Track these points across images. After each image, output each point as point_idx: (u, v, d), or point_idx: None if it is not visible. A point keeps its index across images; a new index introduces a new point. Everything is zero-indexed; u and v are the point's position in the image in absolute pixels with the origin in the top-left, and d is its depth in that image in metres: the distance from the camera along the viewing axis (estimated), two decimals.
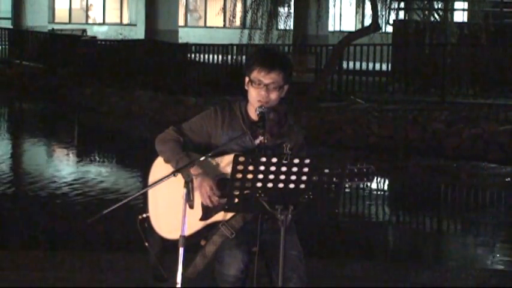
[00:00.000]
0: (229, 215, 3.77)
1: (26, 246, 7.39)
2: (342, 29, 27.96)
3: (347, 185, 3.80)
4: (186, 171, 3.66)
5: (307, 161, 3.33)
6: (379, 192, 10.69)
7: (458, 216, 9.67)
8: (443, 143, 12.95)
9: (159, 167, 3.89)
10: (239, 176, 3.33)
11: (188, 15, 35.19)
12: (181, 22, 31.14)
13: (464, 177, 11.98)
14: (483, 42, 15.69)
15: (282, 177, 3.34)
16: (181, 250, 3.61)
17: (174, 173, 3.61)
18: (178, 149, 3.83)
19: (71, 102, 19.17)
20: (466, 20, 19.62)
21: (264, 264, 3.81)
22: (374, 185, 10.65)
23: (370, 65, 17.02)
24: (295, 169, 3.33)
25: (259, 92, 3.80)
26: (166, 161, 3.85)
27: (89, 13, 35.53)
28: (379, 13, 16.34)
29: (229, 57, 18.56)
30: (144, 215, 3.91)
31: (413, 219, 9.55)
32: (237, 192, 3.38)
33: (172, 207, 3.78)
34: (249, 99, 3.88)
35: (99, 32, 31.79)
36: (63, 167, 11.94)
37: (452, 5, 18.02)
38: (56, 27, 30.07)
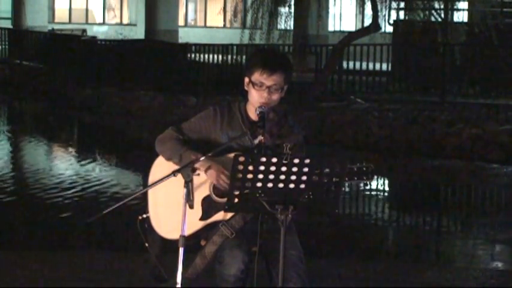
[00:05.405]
0: (229, 215, 3.76)
1: (26, 246, 7.39)
2: (342, 29, 28.01)
3: (347, 185, 3.81)
4: (186, 171, 3.65)
5: (307, 161, 3.32)
6: (379, 192, 10.68)
7: (459, 216, 9.67)
8: (443, 143, 12.94)
9: (159, 167, 3.89)
10: (239, 175, 3.33)
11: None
12: (181, 22, 31.14)
13: (464, 177, 11.98)
14: (483, 42, 15.69)
15: (282, 177, 3.33)
16: (181, 250, 3.61)
17: (174, 173, 3.61)
18: (179, 145, 3.83)
19: (71, 102, 19.16)
20: (466, 20, 19.60)
21: (264, 264, 3.81)
22: (374, 185, 10.65)
23: (370, 65, 17.02)
24: (295, 169, 3.32)
25: (262, 94, 3.79)
26: (168, 159, 3.84)
27: (90, 13, 35.53)
28: (380, 13, 16.35)
29: (229, 57, 18.55)
30: (144, 215, 3.91)
31: (413, 219, 9.55)
32: (237, 192, 3.37)
33: (172, 207, 3.77)
34: (249, 100, 3.87)
35: (99, 32, 31.79)
36: (63, 166, 11.93)
37: (452, 5, 18.00)
38: (56, 27, 30.08)
